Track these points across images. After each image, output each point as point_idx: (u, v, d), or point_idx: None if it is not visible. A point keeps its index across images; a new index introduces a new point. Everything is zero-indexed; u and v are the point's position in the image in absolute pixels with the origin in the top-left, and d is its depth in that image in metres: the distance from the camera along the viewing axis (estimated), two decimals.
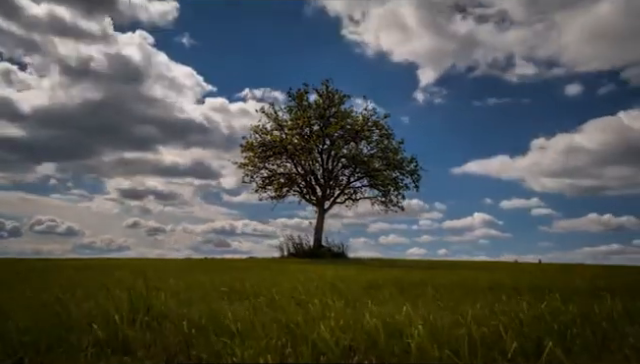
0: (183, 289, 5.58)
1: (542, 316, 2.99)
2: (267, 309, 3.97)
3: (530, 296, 4.81)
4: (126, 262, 15.43)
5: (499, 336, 2.48)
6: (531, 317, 3.00)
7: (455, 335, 2.35)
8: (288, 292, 5.13)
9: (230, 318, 2.87)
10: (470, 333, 2.29)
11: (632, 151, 31.34)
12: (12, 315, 3.24)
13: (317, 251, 21.24)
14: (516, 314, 3.08)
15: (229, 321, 2.82)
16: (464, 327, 2.51)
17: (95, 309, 3.79)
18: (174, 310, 3.76)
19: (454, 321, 2.96)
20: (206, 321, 3.17)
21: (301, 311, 3.56)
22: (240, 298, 4.75)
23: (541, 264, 28.97)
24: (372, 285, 6.33)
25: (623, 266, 20.09)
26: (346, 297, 4.85)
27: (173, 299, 4.54)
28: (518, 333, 2.57)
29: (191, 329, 2.71)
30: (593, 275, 10.24)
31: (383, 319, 2.77)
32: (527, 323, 2.83)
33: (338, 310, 3.42)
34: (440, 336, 2.34)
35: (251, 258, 28.13)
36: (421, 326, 2.40)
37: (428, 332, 2.34)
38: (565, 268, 17.98)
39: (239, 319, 2.92)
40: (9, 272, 9.09)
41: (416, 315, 2.94)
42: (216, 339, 2.52)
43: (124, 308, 3.57)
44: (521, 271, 11.77)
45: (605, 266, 20.11)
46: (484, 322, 2.79)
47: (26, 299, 4.14)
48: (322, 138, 22.58)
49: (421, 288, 5.81)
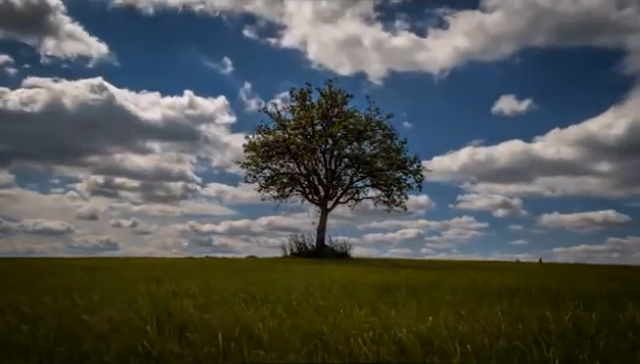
0: (198, 293, 5.57)
1: (567, 325, 3.00)
2: (286, 315, 3.98)
3: (545, 301, 4.83)
4: (132, 262, 15.41)
5: (529, 347, 2.49)
6: (555, 326, 3.01)
7: (493, 349, 2.35)
8: (303, 296, 5.13)
9: (260, 328, 2.87)
10: (508, 348, 2.30)
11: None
12: (39, 322, 3.24)
13: (320, 251, 21.25)
14: (541, 323, 3.09)
15: (259, 331, 2.82)
16: (497, 338, 2.52)
17: (116, 315, 3.79)
18: (195, 317, 3.76)
19: (480, 329, 2.97)
20: (229, 329, 3.17)
21: (322, 318, 3.57)
22: (257, 303, 4.76)
23: (543, 264, 29.06)
24: (384, 288, 6.33)
25: (623, 266, 20.17)
26: (360, 301, 4.87)
27: (190, 303, 4.55)
28: (547, 344, 2.58)
29: (224, 340, 2.71)
30: (598, 275, 10.28)
31: (414, 331, 2.77)
32: (554, 332, 2.83)
33: (361, 318, 3.42)
34: (480, 352, 2.35)
35: (252, 257, 28.18)
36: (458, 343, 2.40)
37: (465, 348, 2.35)
38: (567, 268, 18.03)
39: (267, 328, 2.92)
40: (17, 274, 9.06)
41: (443, 325, 2.95)
42: (251, 351, 2.52)
43: (147, 315, 3.58)
44: (528, 272, 11.79)
45: (604, 266, 20.17)
46: (513, 333, 2.79)
47: (46, 304, 4.14)
48: (325, 138, 22.56)
49: (434, 292, 5.82)
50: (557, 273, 13.06)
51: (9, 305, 4.01)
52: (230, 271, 10.85)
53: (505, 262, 26.43)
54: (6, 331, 2.97)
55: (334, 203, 23.11)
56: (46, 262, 14.64)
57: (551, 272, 14.30)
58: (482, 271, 12.45)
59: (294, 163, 23.16)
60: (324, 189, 23.04)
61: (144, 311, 3.65)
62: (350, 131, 22.40)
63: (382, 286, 6.53)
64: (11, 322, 3.26)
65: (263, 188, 23.22)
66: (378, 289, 6.28)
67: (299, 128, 22.59)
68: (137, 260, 17.93)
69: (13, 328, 3.06)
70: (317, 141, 22.37)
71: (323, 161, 23.09)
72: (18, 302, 4.20)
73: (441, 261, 23.96)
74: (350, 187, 23.34)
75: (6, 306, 3.97)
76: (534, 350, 2.37)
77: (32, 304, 4.12)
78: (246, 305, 4.59)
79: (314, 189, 23.23)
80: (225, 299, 5.08)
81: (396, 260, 22.32)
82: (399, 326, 3.00)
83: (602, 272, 14.14)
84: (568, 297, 5.21)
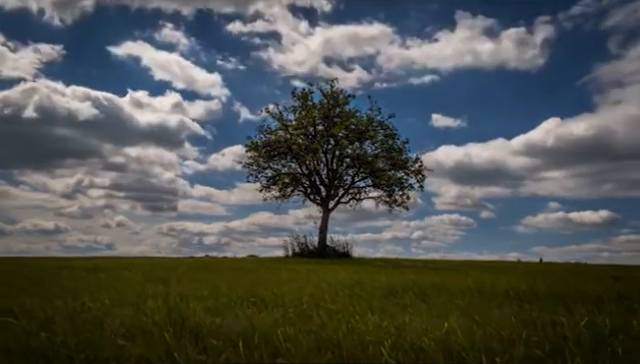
0: (206, 295, 5.58)
1: (582, 331, 3.01)
2: (297, 319, 3.98)
3: (555, 304, 4.84)
4: (132, 262, 15.39)
5: (550, 355, 2.50)
6: (571, 332, 3.02)
7: (514, 357, 2.36)
8: (312, 299, 5.13)
9: (279, 334, 2.88)
10: (527, 355, 2.31)
11: None
12: (54, 327, 3.24)
13: (322, 251, 21.26)
14: (555, 329, 3.10)
15: (276, 337, 2.82)
16: (513, 345, 2.53)
17: (128, 320, 3.79)
18: (207, 321, 3.76)
19: (495, 335, 2.98)
20: (244, 334, 3.18)
21: (335, 323, 3.57)
22: (267, 307, 4.76)
23: (544, 263, 29.09)
24: (391, 290, 6.34)
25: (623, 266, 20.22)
26: (370, 304, 4.88)
27: (200, 306, 4.55)
28: (567, 351, 2.59)
29: (244, 347, 2.71)
30: (603, 275, 10.29)
31: (430, 337, 2.78)
32: (570, 339, 2.84)
33: (375, 324, 3.43)
34: (500, 359, 2.36)
35: (252, 257, 28.20)
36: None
37: (486, 356, 2.35)
38: (568, 268, 18.06)
39: (285, 334, 2.93)
40: (22, 275, 9.03)
41: (460, 331, 2.95)
42: (270, 358, 2.53)
43: (160, 320, 3.59)
44: (531, 273, 11.79)
45: (605, 265, 20.22)
46: (528, 339, 2.80)
47: (59, 308, 4.14)
48: (326, 138, 22.57)
49: (442, 294, 5.83)
50: (560, 273, 13.08)
51: (22, 309, 4.01)
52: (234, 272, 10.85)
53: (506, 261, 26.49)
54: (24, 337, 2.98)
55: (335, 203, 23.15)
56: (47, 262, 14.61)
57: (553, 272, 14.32)
58: (485, 271, 12.46)
59: (296, 163, 23.19)
60: (326, 189, 23.06)
61: (157, 316, 3.65)
62: (352, 131, 22.41)
63: (389, 288, 6.54)
64: (28, 327, 3.26)
65: (265, 188, 23.25)
66: (385, 291, 6.29)
67: (301, 128, 22.61)
68: (137, 260, 17.92)
69: (30, 334, 3.06)
70: (319, 141, 22.38)
71: (325, 161, 23.11)
72: (30, 306, 4.20)
73: (441, 261, 23.99)
74: (352, 187, 23.37)
75: (19, 310, 3.98)
76: (557, 359, 2.38)
77: (44, 308, 4.12)
78: (257, 309, 4.60)
79: (316, 189, 23.24)
80: (234, 302, 5.09)
81: (398, 260, 22.35)
82: (415, 332, 3.01)
83: (603, 272, 14.18)
84: (577, 300, 5.24)
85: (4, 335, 3.12)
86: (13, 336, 3.05)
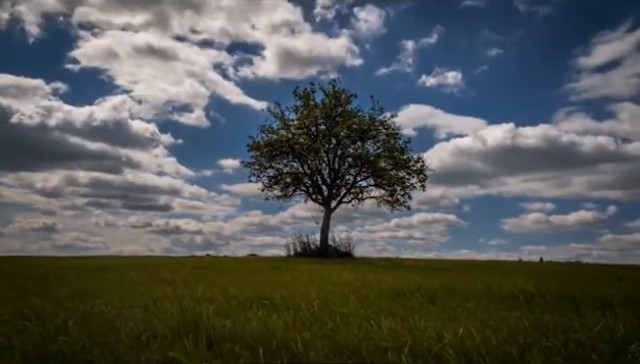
0: (214, 297, 5.59)
1: (596, 336, 3.02)
2: (309, 323, 3.99)
3: (564, 306, 4.86)
4: (134, 262, 15.43)
5: (565, 361, 2.51)
6: (585, 337, 3.03)
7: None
8: (321, 301, 5.14)
9: (298, 340, 2.89)
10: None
11: None
12: (71, 333, 3.25)
13: (324, 251, 21.28)
14: (568, 334, 3.11)
15: (295, 342, 2.84)
16: (529, 350, 2.54)
17: (141, 324, 3.79)
18: (218, 324, 3.77)
19: (510, 341, 2.99)
20: (260, 339, 3.19)
21: (350, 327, 3.58)
22: (277, 309, 4.77)
23: (544, 263, 29.13)
24: (398, 292, 6.35)
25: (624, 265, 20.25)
26: (380, 307, 4.89)
27: (211, 308, 4.56)
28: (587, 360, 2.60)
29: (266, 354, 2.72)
30: (606, 276, 10.30)
31: (448, 343, 2.80)
32: (585, 345, 2.86)
33: (389, 328, 3.44)
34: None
35: (253, 255, 28.21)
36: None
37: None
38: (570, 268, 18.09)
39: (303, 340, 2.94)
40: (28, 275, 9.04)
41: (476, 336, 2.97)
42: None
43: (174, 324, 3.60)
44: (535, 273, 11.81)
45: (605, 265, 20.26)
46: (545, 346, 2.81)
47: (69, 310, 4.16)
48: (328, 137, 22.58)
49: (450, 297, 5.84)
50: (561, 273, 13.11)
51: (34, 311, 4.02)
52: (238, 272, 10.86)
53: (507, 261, 26.55)
54: (41, 341, 2.99)
55: (337, 203, 23.16)
56: (50, 262, 14.64)
57: (555, 272, 14.35)
58: (488, 272, 12.49)
59: (298, 163, 23.20)
60: (328, 189, 23.08)
61: (171, 320, 3.66)
62: (354, 131, 22.42)
63: (396, 290, 6.56)
64: (44, 331, 3.27)
65: (267, 188, 23.27)
66: (392, 293, 6.30)
67: (303, 128, 22.62)
68: (139, 260, 17.95)
69: (47, 337, 3.08)
70: (321, 141, 22.40)
71: (327, 161, 23.13)
72: (42, 308, 4.22)
73: (442, 260, 24.03)
74: (353, 187, 23.38)
75: (31, 313, 3.99)
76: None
77: (57, 310, 4.14)
78: (267, 311, 4.61)
79: (317, 189, 23.27)
80: (244, 304, 5.10)
81: (400, 260, 22.38)
82: (430, 337, 3.03)
83: (605, 271, 14.21)
84: (585, 302, 5.26)
85: (20, 338, 3.14)
86: (30, 340, 3.06)
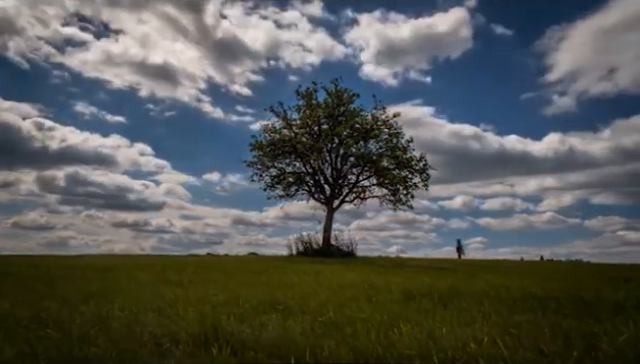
0: (225, 301, 5.59)
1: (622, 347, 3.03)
2: (325, 328, 4.00)
3: (578, 310, 4.87)
4: (138, 261, 15.42)
5: None
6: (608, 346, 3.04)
7: None
8: (333, 305, 5.14)
9: (326, 348, 2.90)
10: None
11: None
12: (88, 338, 3.26)
13: (327, 250, 21.31)
14: (590, 341, 3.12)
15: (319, 350, 2.84)
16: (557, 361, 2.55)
17: (159, 328, 3.80)
18: (235, 329, 3.77)
19: (533, 348, 3.00)
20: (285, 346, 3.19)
21: (370, 334, 3.58)
22: (291, 313, 4.78)
23: (545, 262, 29.18)
24: (408, 295, 6.35)
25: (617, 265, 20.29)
26: (393, 311, 4.90)
27: (224, 312, 4.57)
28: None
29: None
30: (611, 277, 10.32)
31: (470, 351, 2.81)
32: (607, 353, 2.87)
33: (409, 334, 3.45)
34: None
35: (253, 254, 28.22)
36: None
37: None
38: (571, 268, 18.14)
39: (328, 348, 2.95)
40: (32, 276, 9.03)
41: (500, 344, 2.98)
42: None
43: (194, 330, 3.61)
44: (540, 274, 11.85)
45: (606, 265, 20.31)
46: (566, 353, 2.82)
47: (87, 316, 4.16)
48: (331, 137, 22.59)
49: (460, 299, 5.85)
50: (564, 273, 13.13)
51: (52, 318, 4.02)
52: (243, 273, 10.85)
53: (509, 260, 26.62)
54: (65, 348, 3.00)
55: (340, 202, 23.19)
56: (52, 261, 14.62)
57: (558, 271, 14.38)
58: (492, 272, 12.50)
59: (300, 162, 23.22)
60: (330, 188, 23.10)
61: (192, 327, 3.67)
62: (356, 130, 22.44)
63: (406, 292, 6.56)
64: (65, 337, 3.28)
65: (269, 187, 23.29)
66: (402, 296, 6.30)
67: (305, 127, 22.63)
68: (142, 259, 17.97)
69: (71, 344, 3.08)
70: (323, 140, 22.41)
71: (329, 160, 23.16)
72: (59, 314, 4.22)
73: (442, 260, 24.08)
74: (356, 186, 23.40)
75: (49, 318, 3.99)
76: None
77: (73, 315, 4.14)
78: (281, 315, 4.61)
79: (320, 188, 23.30)
80: (257, 308, 5.10)
81: (402, 259, 22.42)
82: (453, 345, 3.04)
83: (607, 271, 14.23)
84: (597, 304, 5.27)
85: (42, 345, 3.14)
86: (53, 346, 3.07)
